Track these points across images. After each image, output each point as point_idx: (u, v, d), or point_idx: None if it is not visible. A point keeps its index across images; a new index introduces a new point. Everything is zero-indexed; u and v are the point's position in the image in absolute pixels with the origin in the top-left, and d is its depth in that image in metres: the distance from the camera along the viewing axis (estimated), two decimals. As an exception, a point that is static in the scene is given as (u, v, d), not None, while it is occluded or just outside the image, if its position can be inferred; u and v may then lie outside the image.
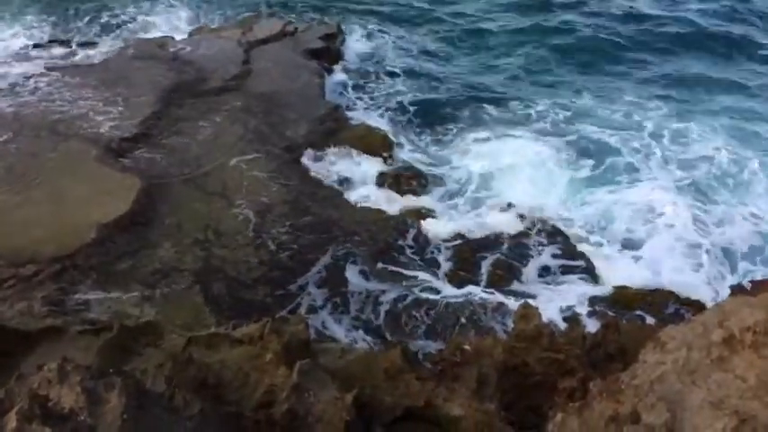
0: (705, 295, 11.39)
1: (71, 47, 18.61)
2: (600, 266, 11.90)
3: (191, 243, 11.01)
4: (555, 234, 12.39)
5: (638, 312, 10.62)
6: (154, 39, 18.29)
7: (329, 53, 19.18)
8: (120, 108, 14.28)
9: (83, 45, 18.64)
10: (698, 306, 10.43)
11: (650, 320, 10.28)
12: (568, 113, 17.66)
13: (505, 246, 12.07)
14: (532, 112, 17.71)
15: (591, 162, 15.51)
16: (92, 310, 9.31)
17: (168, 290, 9.99)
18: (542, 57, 21.39)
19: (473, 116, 17.44)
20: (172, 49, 17.33)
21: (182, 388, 4.98)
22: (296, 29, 19.59)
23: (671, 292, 11.26)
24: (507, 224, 12.56)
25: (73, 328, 6.50)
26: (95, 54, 16.80)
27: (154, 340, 6.34)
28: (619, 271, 11.84)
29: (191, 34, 19.23)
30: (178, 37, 18.75)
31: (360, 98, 18.12)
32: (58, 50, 17.25)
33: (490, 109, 17.78)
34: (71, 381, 4.19)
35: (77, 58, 17.55)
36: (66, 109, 14.03)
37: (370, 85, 18.91)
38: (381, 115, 17.23)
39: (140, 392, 4.44)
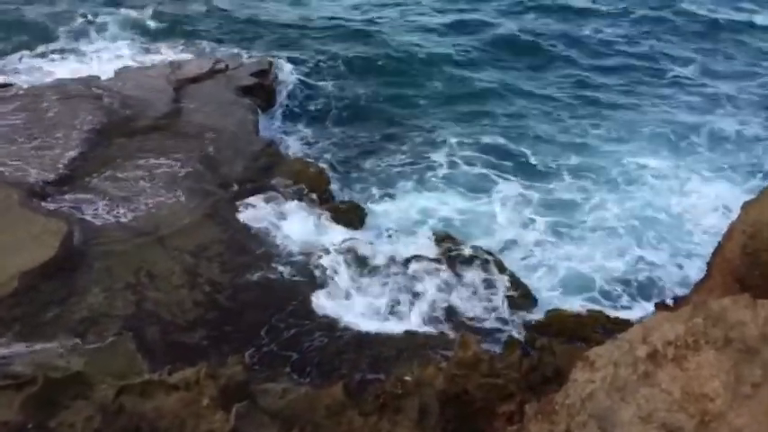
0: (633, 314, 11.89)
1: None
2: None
3: (122, 287, 10.64)
4: (489, 262, 12.67)
5: (571, 334, 10.95)
6: (79, 78, 17.78)
7: (262, 89, 19.16)
8: (44, 149, 13.75)
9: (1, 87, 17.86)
10: (626, 325, 10.84)
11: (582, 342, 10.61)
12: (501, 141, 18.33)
13: (442, 275, 12.24)
14: (467, 140, 18.21)
15: (528, 186, 16.16)
16: (15, 363, 8.81)
17: (98, 338, 9.61)
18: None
19: (409, 146, 17.71)
20: (98, 88, 16.87)
21: (113, 440, 4.78)
22: (227, 66, 19.50)
23: (601, 313, 11.69)
24: (443, 254, 12.76)
25: (-8, 384, 6.12)
26: (15, 94, 16.16)
27: (83, 392, 6.05)
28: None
29: (117, 73, 18.80)
30: (104, 76, 18.30)
31: (295, 133, 18.14)
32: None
33: (424, 139, 18.14)
34: (-12, 440, 3.95)
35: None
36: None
37: (304, 119, 18.96)
38: (317, 149, 17.30)
39: (66, 448, 4.23)
